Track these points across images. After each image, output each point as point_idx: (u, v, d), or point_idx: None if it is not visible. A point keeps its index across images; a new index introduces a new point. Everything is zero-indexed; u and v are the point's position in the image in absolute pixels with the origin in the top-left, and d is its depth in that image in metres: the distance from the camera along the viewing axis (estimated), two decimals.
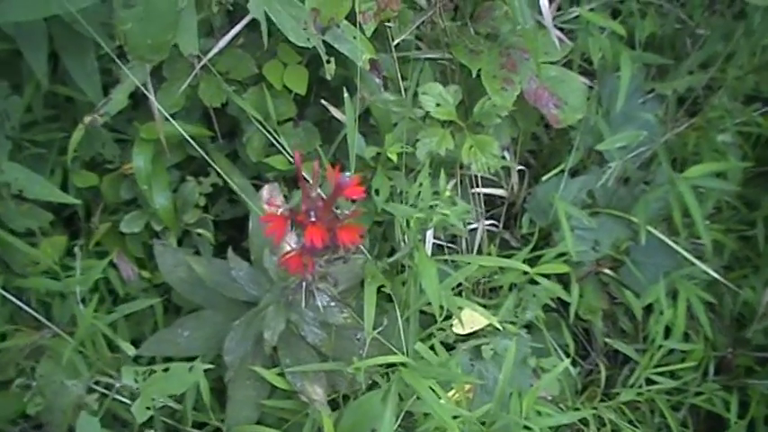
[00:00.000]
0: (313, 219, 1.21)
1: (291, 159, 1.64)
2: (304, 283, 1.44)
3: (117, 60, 1.42)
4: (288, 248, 1.40)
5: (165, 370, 1.38)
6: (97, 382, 1.57)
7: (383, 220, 1.82)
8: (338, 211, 1.26)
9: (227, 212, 1.94)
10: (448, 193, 1.57)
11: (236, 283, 1.62)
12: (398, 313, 1.65)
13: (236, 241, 1.92)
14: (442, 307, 1.55)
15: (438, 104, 1.70)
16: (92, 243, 1.82)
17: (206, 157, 1.60)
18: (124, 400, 1.56)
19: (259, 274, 1.62)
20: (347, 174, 1.21)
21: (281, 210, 1.22)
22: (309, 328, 1.62)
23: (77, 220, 1.88)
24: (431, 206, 1.57)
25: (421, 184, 1.61)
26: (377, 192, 1.73)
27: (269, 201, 1.64)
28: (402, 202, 1.69)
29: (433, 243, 1.86)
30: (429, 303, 1.52)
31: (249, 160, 1.77)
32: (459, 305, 1.69)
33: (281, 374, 1.61)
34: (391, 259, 1.70)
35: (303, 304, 1.47)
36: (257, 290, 1.62)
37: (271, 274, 1.59)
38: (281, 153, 1.71)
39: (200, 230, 1.83)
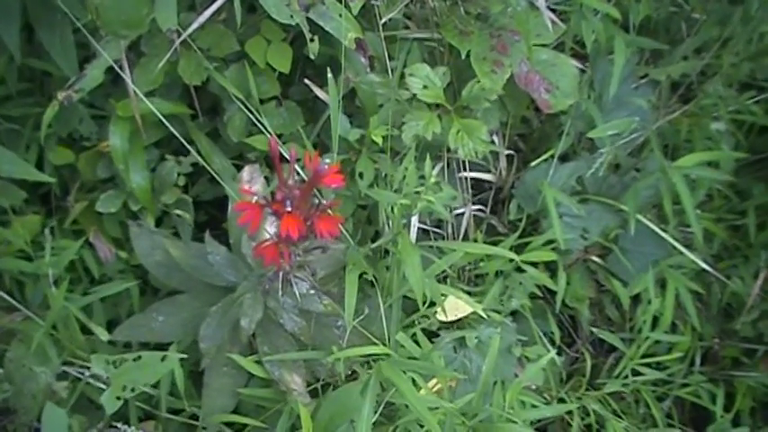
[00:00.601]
0: (289, 208, 1.18)
1: (274, 139, 1.53)
2: (281, 273, 1.41)
3: (90, 37, 1.34)
4: (266, 235, 1.38)
5: (137, 359, 1.30)
6: (71, 364, 1.54)
7: (367, 203, 1.79)
8: (318, 201, 1.23)
9: (208, 192, 1.89)
10: (433, 180, 1.51)
11: (213, 267, 1.58)
12: (381, 300, 1.63)
13: (217, 221, 1.89)
14: (425, 295, 1.52)
15: (425, 87, 1.66)
16: (67, 222, 1.77)
17: (180, 139, 1.58)
18: (98, 384, 1.49)
19: (237, 259, 1.58)
20: (326, 160, 1.22)
21: (256, 198, 1.19)
22: (288, 315, 1.57)
23: (53, 198, 1.84)
24: (416, 192, 1.52)
25: (406, 169, 1.57)
26: (361, 175, 1.69)
27: (246, 185, 1.60)
28: (387, 186, 1.67)
29: (419, 228, 1.83)
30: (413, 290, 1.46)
31: (230, 140, 1.74)
32: (443, 292, 1.65)
33: (259, 362, 1.57)
34: (374, 245, 1.64)
35: (280, 294, 1.46)
36: (235, 275, 1.58)
37: (249, 260, 1.56)
38: (262, 133, 1.67)
39: (178, 212, 1.79)
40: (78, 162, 1.76)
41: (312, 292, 1.56)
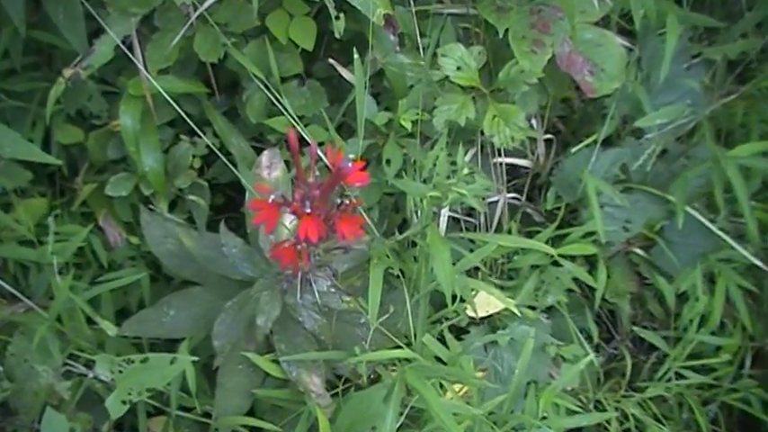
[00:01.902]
0: (308, 210, 1.14)
1: (295, 121, 1.57)
2: (300, 273, 1.38)
3: (96, 15, 1.27)
4: (284, 231, 1.36)
5: (144, 360, 1.28)
6: (76, 358, 1.52)
7: (394, 190, 1.75)
8: (340, 200, 1.21)
9: (226, 174, 1.81)
10: (466, 170, 1.44)
11: (228, 259, 1.54)
12: (407, 295, 1.56)
13: (235, 205, 1.86)
14: (454, 294, 1.47)
15: (459, 68, 1.61)
16: (75, 205, 1.74)
17: (190, 123, 1.55)
18: (104, 378, 1.44)
19: (254, 252, 1.53)
20: (351, 156, 1.16)
21: (272, 196, 1.14)
22: (308, 313, 1.54)
23: (60, 179, 1.81)
24: (447, 178, 1.47)
25: (437, 156, 1.52)
26: (388, 162, 1.65)
27: (265, 171, 1.57)
28: (415, 173, 1.61)
29: (449, 216, 1.79)
30: None
31: (249, 121, 1.69)
32: (473, 287, 1.62)
33: (276, 362, 1.53)
34: (401, 237, 1.60)
35: (298, 296, 1.45)
36: (252, 269, 1.54)
37: (266, 254, 1.50)
38: (283, 114, 1.60)
39: (193, 197, 1.75)
40: (87, 141, 1.72)
41: (333, 290, 1.53)
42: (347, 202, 1.19)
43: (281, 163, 1.59)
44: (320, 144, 1.58)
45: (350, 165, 1.13)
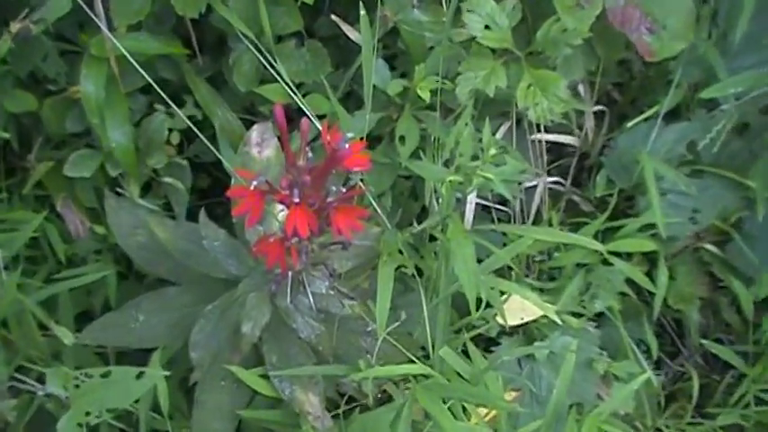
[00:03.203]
0: (297, 199, 1.17)
1: (292, 90, 1.61)
2: (289, 272, 1.41)
3: None
4: (274, 222, 1.42)
5: (106, 374, 1.33)
6: (27, 371, 1.55)
7: (411, 173, 1.77)
8: (335, 187, 1.21)
9: (210, 152, 1.78)
10: (494, 150, 1.47)
11: (210, 255, 1.56)
12: (424, 299, 1.61)
13: (222, 187, 1.76)
14: (479, 299, 1.49)
15: (488, 26, 1.62)
16: (28, 187, 1.77)
17: (160, 92, 1.55)
18: (58, 395, 1.47)
19: (240, 246, 1.56)
20: (349, 135, 1.17)
21: (255, 182, 1.17)
22: (303, 319, 1.54)
23: (9, 155, 1.84)
24: (473, 159, 1.51)
25: (461, 132, 1.55)
26: (402, 139, 1.66)
27: (255, 149, 1.61)
28: (435, 153, 1.64)
29: (478, 204, 1.82)
30: None
31: (237, 88, 1.70)
32: (504, 290, 1.65)
33: (266, 377, 1.56)
34: (417, 228, 1.66)
35: (288, 299, 1.47)
36: (237, 266, 1.56)
37: (252, 246, 1.49)
38: (278, 80, 1.62)
39: (170, 179, 1.78)
40: (42, 110, 1.72)
41: (332, 292, 1.54)
42: (344, 190, 1.21)
43: (273, 140, 1.61)
44: (322, 118, 1.62)
45: (347, 145, 1.15)
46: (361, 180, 1.39)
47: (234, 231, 1.59)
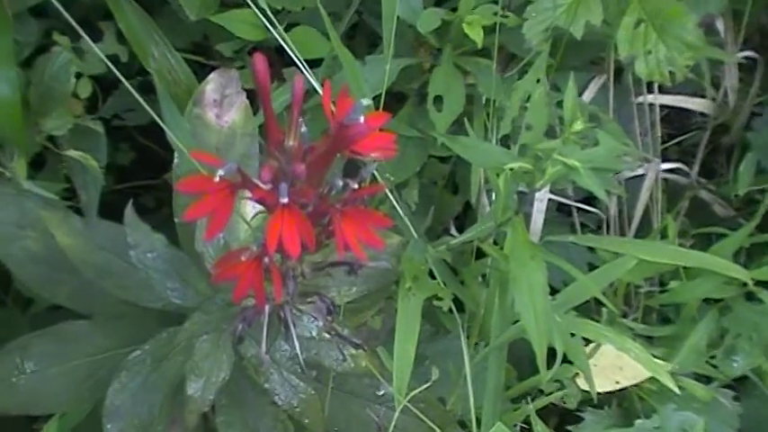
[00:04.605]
0: (285, 199, 0.88)
1: (270, 21, 1.39)
2: (268, 307, 1.10)
3: None
4: (242, 229, 1.22)
5: None
6: None
7: (451, 153, 1.57)
8: (343, 181, 0.94)
9: (139, 113, 1.58)
10: (579, 123, 1.21)
11: (139, 272, 1.26)
12: (465, 349, 1.36)
13: (156, 167, 1.65)
14: (552, 350, 1.28)
15: None
16: None
17: (62, 10, 1.33)
18: None
19: (187, 261, 1.28)
20: (364, 101, 0.92)
21: (221, 171, 0.88)
22: (282, 376, 1.27)
23: None
24: (547, 135, 1.31)
25: (529, 96, 1.36)
26: (437, 101, 1.46)
27: (212, 112, 1.32)
28: (489, 124, 1.44)
29: (551, 203, 1.62)
30: None
31: (186, 16, 1.52)
32: (591, 337, 1.42)
33: None
34: (458, 239, 1.39)
35: (261, 346, 1.10)
36: (181, 292, 1.27)
37: (208, 264, 1.22)
38: (248, 4, 1.43)
39: (75, 152, 1.50)
40: None
41: (329, 336, 1.24)
42: (354, 186, 0.95)
43: (240, 97, 1.36)
44: (315, 65, 1.46)
45: (362, 118, 0.89)
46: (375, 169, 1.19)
47: (176, 236, 1.31)
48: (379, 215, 1.00)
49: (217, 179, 0.91)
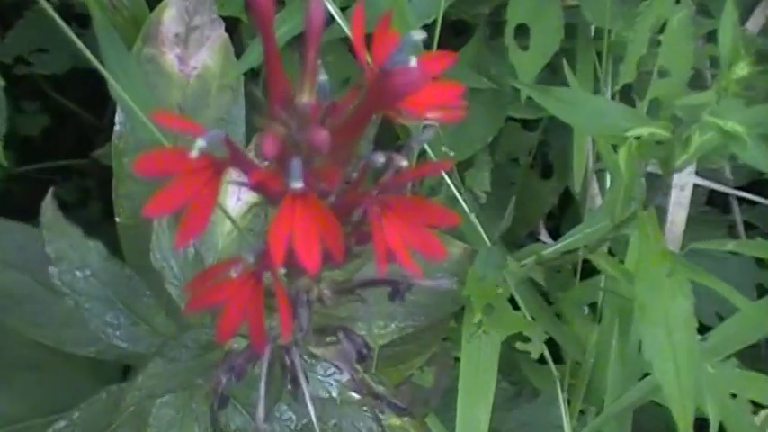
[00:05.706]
0: (299, 184, 0.66)
1: None
2: (268, 350, 0.92)
3: None
4: (219, 230, 1.12)
5: None
6: None
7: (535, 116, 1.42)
8: (386, 158, 0.75)
9: (60, 54, 1.22)
10: (743, 67, 1.03)
11: (62, 299, 1.11)
12: (566, 416, 1.18)
13: (90, 140, 1.32)
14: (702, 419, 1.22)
15: None
16: None
17: None
18: None
19: (136, 281, 1.15)
20: (414, 36, 0.73)
21: (200, 141, 0.66)
22: None
23: None
24: (689, 85, 1.18)
25: (661, 29, 1.20)
26: (520, 34, 1.27)
27: (172, 57, 1.18)
28: (601, 66, 1.34)
29: (697, 189, 1.42)
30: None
31: None
32: (760, 397, 1.26)
33: None
34: (552, 248, 1.19)
35: (260, 412, 0.89)
36: (129, 329, 1.12)
37: (170, 286, 1.05)
38: None
39: None
40: None
41: (356, 394, 1.06)
42: (402, 163, 0.74)
43: (217, 29, 1.19)
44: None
45: (412, 60, 0.68)
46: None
47: (117, 245, 1.19)
48: (437, 207, 0.76)
49: (194, 154, 0.67)
